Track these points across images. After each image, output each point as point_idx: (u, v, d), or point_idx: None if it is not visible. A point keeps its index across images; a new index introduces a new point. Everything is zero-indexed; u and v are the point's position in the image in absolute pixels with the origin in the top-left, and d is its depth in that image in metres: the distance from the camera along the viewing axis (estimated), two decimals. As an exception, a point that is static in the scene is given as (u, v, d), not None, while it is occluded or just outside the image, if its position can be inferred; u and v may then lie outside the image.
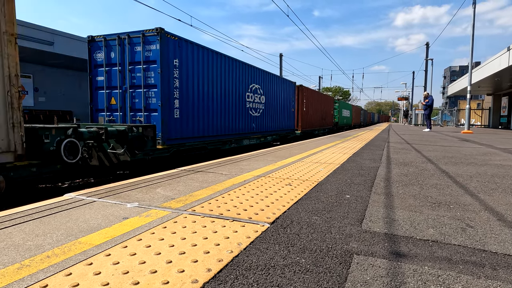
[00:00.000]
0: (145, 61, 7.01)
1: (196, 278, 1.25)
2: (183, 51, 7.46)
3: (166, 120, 7.06)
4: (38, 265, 1.36)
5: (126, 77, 7.28)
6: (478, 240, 1.67)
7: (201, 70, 8.15)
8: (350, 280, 1.25)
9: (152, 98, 7.05)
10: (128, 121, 7.41)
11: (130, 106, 7.34)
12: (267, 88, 12.40)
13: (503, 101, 26.57)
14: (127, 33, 7.14)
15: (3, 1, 4.20)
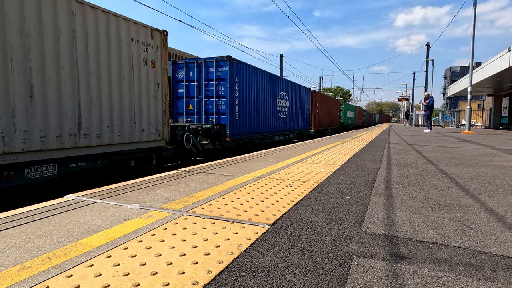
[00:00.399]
0: (217, 78, 9.69)
1: (196, 280, 1.26)
2: (241, 71, 10.17)
3: (231, 121, 9.71)
4: (39, 266, 1.37)
5: (202, 90, 9.97)
6: (478, 242, 1.67)
7: (251, 84, 10.93)
8: (350, 282, 1.26)
9: (222, 105, 9.71)
10: (202, 121, 9.94)
11: (204, 110, 9.97)
12: (290, 95, 15.03)
13: (504, 102, 26.55)
14: (203, 59, 9.89)
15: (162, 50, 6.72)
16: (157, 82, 6.65)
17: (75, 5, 4.94)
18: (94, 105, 5.29)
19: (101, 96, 5.43)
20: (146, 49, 6.39)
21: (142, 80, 6.29)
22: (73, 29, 4.92)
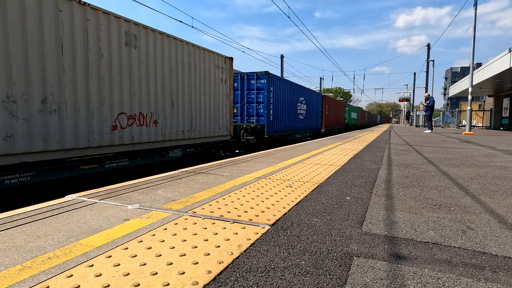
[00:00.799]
0: (257, 88, 12.43)
1: (196, 280, 1.26)
2: (274, 82, 12.91)
3: (268, 121, 12.42)
4: (39, 266, 1.37)
5: (244, 97, 12.67)
6: (478, 242, 1.67)
7: (280, 92, 13.72)
8: (350, 283, 1.26)
9: (261, 109, 12.45)
10: (244, 122, 12.57)
11: (246, 113, 12.70)
12: (307, 99, 17.77)
13: (504, 103, 26.53)
14: (246, 73, 12.54)
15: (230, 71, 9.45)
16: (227, 94, 9.49)
17: (192, 48, 7.82)
18: (198, 112, 8.13)
19: (201, 105, 8.24)
20: (222, 71, 9.17)
21: (219, 93, 9.08)
22: (190, 63, 7.78)
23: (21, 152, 4.39)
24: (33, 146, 4.53)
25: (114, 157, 5.87)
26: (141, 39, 6.32)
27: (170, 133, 7.11)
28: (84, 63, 5.23)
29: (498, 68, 16.50)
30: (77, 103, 5.15)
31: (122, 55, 5.92)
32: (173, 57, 7.11)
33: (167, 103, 7.02)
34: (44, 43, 4.61)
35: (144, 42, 6.38)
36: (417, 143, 8.57)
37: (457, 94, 29.13)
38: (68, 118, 5.02)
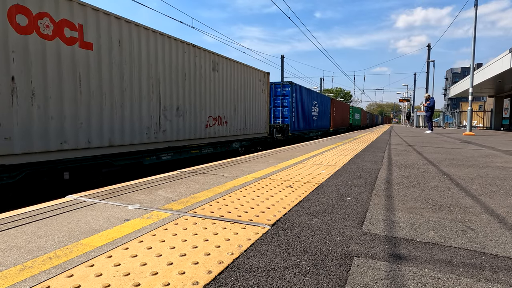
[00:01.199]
0: (283, 95, 15.00)
1: (196, 280, 1.26)
2: (295, 89, 15.54)
3: (291, 122, 14.98)
4: (40, 266, 1.37)
5: (272, 102, 15.03)
6: (478, 242, 1.67)
7: (300, 97, 16.31)
8: (350, 283, 1.26)
9: (286, 112, 15.00)
10: (271, 122, 14.69)
11: (273, 115, 15.08)
12: (319, 103, 20.49)
13: (505, 103, 26.52)
14: (273, 82, 14.96)
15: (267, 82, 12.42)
16: (266, 101, 12.36)
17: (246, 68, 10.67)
18: (248, 115, 10.88)
19: (250, 110, 11.00)
20: (262, 83, 12.04)
21: (261, 100, 11.93)
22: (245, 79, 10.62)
23: (168, 140, 7.12)
24: (172, 137, 7.28)
25: (206, 146, 8.65)
26: (220, 65, 9.11)
27: (233, 130, 9.95)
28: (193, 83, 7.94)
29: (499, 69, 16.50)
30: (190, 110, 7.88)
31: (210, 76, 8.66)
32: (236, 76, 10.08)
33: (232, 109, 9.84)
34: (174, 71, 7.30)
35: (221, 67, 9.20)
36: (418, 144, 8.57)
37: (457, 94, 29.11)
38: (187, 120, 7.74)
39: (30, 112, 4.55)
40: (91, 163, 5.55)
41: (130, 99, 6.17)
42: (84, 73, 5.30)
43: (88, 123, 5.35)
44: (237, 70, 10.08)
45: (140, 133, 6.39)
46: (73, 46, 5.12)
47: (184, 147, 7.71)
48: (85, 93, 5.31)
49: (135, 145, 6.31)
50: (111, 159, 5.84)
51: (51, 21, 4.82)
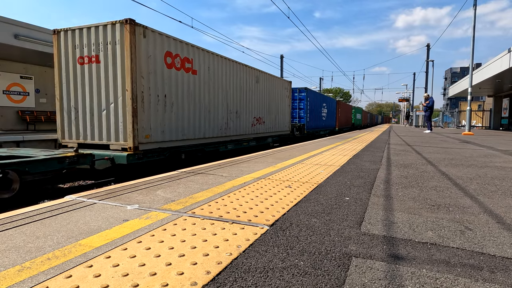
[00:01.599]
0: (299, 99, 17.64)
1: (195, 281, 1.26)
2: (310, 94, 18.28)
3: (306, 122, 17.64)
4: (38, 267, 1.37)
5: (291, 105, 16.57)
6: (476, 243, 1.67)
7: (313, 100, 19.06)
8: (348, 283, 1.26)
9: (302, 113, 17.65)
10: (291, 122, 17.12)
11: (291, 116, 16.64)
12: (327, 104, 23.18)
13: (504, 103, 26.54)
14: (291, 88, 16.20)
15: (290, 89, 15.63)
16: (288, 104, 15.17)
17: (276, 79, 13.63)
18: (277, 116, 13.72)
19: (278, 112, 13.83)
20: (286, 90, 14.84)
21: (285, 104, 14.82)
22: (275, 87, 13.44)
23: (231, 135, 9.86)
24: (234, 133, 10.07)
25: (251, 140, 11.52)
26: (260, 78, 11.99)
27: (267, 128, 12.89)
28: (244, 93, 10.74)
29: (498, 68, 16.51)
30: (243, 113, 10.69)
31: (254, 87, 11.53)
32: (270, 86, 12.98)
33: (267, 111, 12.69)
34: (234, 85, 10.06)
35: (262, 80, 12.14)
36: (417, 143, 8.58)
37: (456, 94, 29.13)
38: (241, 120, 10.59)
39: (170, 116, 7.24)
40: (194, 149, 8.29)
41: (213, 106, 8.95)
42: (194, 91, 8.08)
43: (194, 123, 8.14)
44: (270, 81, 13.04)
45: (218, 130, 9.27)
46: (188, 73, 7.87)
47: (240, 140, 10.61)
48: (193, 103, 8.08)
49: (215, 138, 9.11)
50: (204, 147, 8.66)
51: (180, 59, 7.53)
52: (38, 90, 15.79)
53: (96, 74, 6.55)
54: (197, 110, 8.20)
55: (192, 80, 7.94)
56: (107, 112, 6.52)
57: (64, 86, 6.97)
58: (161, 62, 6.87)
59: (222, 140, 9.42)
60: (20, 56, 13.49)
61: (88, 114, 6.73)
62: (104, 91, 6.51)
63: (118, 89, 6.36)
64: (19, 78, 14.90)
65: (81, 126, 6.84)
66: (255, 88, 11.55)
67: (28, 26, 11.89)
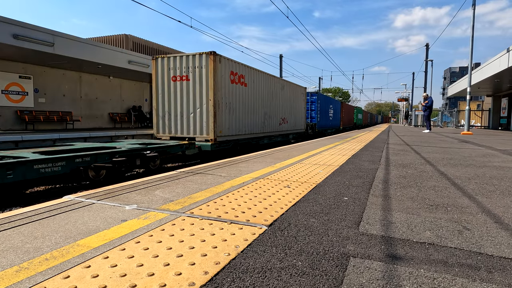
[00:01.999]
0: (311, 101, 20.46)
1: (193, 281, 1.26)
2: (320, 97, 21.37)
3: (317, 121, 20.69)
4: (36, 267, 1.37)
5: None
6: (474, 242, 1.68)
7: (322, 102, 21.92)
8: (346, 283, 1.26)
9: (313, 114, 20.62)
10: None
11: None
12: (333, 106, 26.07)
13: (503, 102, 26.57)
14: None
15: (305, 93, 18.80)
16: (304, 107, 18.00)
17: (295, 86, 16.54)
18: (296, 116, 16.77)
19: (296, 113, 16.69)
20: (302, 95, 17.68)
21: (301, 106, 17.64)
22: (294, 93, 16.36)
23: (266, 131, 12.61)
24: (267, 130, 12.78)
25: (278, 136, 14.16)
26: (285, 86, 14.82)
27: (289, 127, 15.54)
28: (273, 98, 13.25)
29: (497, 68, 16.54)
30: (272, 114, 13.21)
31: (280, 94, 14.11)
32: (291, 92, 15.70)
33: (289, 113, 15.44)
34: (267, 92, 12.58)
35: (287, 87, 15.04)
36: (416, 143, 8.59)
37: (455, 94, 29.17)
38: (272, 120, 13.19)
39: (232, 118, 9.95)
40: (245, 142, 11.12)
41: (256, 110, 11.74)
42: (245, 98, 10.75)
43: (244, 123, 10.82)
44: (291, 88, 15.72)
45: (259, 128, 12.03)
46: (242, 86, 10.47)
47: (271, 136, 13.44)
48: (245, 108, 10.75)
49: (257, 134, 11.92)
50: (250, 140, 11.47)
51: (238, 76, 10.16)
52: (37, 90, 15.77)
53: (186, 88, 9.21)
54: (246, 113, 10.90)
55: (245, 91, 10.69)
56: (194, 115, 9.21)
57: (160, 96, 9.58)
58: (227, 79, 9.55)
59: (261, 136, 12.40)
60: (18, 55, 13.48)
61: (179, 116, 9.39)
62: (192, 100, 9.17)
63: (203, 99, 9.04)
64: (18, 78, 14.88)
65: (172, 124, 9.52)
66: (281, 94, 14.30)
67: (27, 26, 11.87)
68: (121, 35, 23.62)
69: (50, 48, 12.77)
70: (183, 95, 9.24)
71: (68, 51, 13.51)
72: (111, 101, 20.24)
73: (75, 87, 17.76)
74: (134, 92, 22.07)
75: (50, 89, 16.36)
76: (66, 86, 17.23)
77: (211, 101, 8.87)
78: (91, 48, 14.64)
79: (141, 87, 22.62)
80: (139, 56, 17.75)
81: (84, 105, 18.34)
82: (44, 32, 12.51)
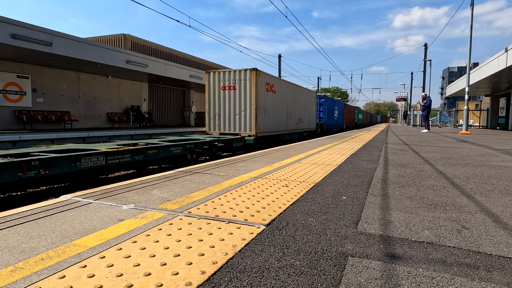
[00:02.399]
0: (319, 104, 22.98)
1: (190, 281, 1.25)
2: (327, 100, 24.63)
3: (325, 121, 23.59)
4: (32, 267, 1.36)
5: None
6: (473, 241, 1.67)
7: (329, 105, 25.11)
8: (344, 283, 1.25)
9: (321, 115, 23.31)
10: None
11: None
12: (337, 107, 28.66)
13: (501, 102, 26.63)
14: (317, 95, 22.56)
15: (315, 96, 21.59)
16: (314, 108, 20.67)
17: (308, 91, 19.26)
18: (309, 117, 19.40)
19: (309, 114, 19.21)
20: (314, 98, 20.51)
21: (313, 108, 20.25)
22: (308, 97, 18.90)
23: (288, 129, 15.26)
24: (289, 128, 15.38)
25: (296, 133, 16.65)
26: (302, 92, 17.37)
27: (304, 125, 18.01)
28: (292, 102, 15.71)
29: (495, 68, 16.57)
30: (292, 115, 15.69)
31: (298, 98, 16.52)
32: (305, 97, 18.02)
33: (304, 113, 17.81)
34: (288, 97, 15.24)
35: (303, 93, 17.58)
36: (414, 143, 8.59)
37: (454, 93, 29.21)
38: (292, 120, 15.79)
39: (266, 118, 12.29)
40: (274, 137, 13.55)
41: (281, 112, 14.19)
42: (274, 103, 13.17)
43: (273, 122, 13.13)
44: (306, 93, 18.38)
45: (283, 126, 14.48)
46: (273, 93, 12.89)
47: (291, 133, 15.88)
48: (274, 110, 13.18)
49: (281, 131, 14.30)
50: (277, 136, 13.92)
51: (270, 85, 12.60)
52: (35, 90, 15.72)
53: (233, 96, 11.63)
54: (275, 115, 13.41)
55: (274, 97, 13.21)
56: (239, 116, 11.67)
57: (211, 102, 11.99)
58: (263, 88, 12.07)
59: (284, 133, 14.84)
60: (16, 55, 13.43)
61: (226, 117, 11.84)
62: (238, 105, 11.61)
63: (247, 104, 11.49)
64: (16, 77, 14.83)
65: (221, 123, 11.95)
66: (298, 99, 16.77)
67: (25, 25, 11.83)
68: (119, 34, 23.58)
69: (48, 47, 12.72)
70: (231, 101, 11.70)
71: (66, 51, 13.47)
72: (110, 100, 20.24)
73: (74, 87, 17.73)
74: (132, 92, 22.09)
75: (48, 89, 16.31)
76: (64, 85, 17.19)
77: (253, 105, 11.43)
78: (90, 47, 14.61)
79: (139, 87, 22.63)
80: (137, 56, 17.78)
81: (82, 105, 18.30)
82: (42, 31, 12.47)
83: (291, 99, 15.59)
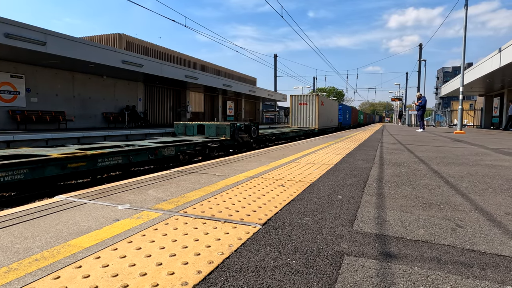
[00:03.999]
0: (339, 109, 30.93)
1: (186, 281, 1.25)
2: (342, 106, 32.84)
3: (342, 121, 31.83)
4: (26, 268, 1.35)
5: None
6: (467, 240, 1.68)
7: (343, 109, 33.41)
8: (340, 281, 1.26)
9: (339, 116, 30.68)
10: None
11: None
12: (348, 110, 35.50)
13: (494, 102, 26.89)
14: None
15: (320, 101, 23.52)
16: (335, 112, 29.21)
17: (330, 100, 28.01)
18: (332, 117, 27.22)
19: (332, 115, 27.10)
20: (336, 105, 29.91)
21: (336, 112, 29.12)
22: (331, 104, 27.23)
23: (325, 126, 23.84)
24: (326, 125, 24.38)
25: (326, 129, 23.95)
26: (332, 103, 28.26)
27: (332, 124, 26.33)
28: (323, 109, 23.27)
29: (489, 68, 16.72)
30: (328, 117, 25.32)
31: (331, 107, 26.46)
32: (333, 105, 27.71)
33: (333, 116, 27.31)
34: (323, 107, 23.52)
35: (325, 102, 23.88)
36: (409, 142, 8.64)
37: (448, 93, 29.43)
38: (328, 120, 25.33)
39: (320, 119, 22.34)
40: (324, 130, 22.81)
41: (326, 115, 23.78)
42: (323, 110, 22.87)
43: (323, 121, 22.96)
44: (333, 102, 26.33)
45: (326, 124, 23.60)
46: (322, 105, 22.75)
47: (328, 128, 23.94)
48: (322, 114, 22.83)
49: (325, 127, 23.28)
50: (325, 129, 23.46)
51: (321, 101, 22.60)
52: (29, 89, 15.59)
53: (305, 108, 21.79)
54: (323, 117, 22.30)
55: (323, 108, 22.15)
56: (309, 118, 21.76)
57: (294, 112, 22.14)
58: (320, 103, 21.75)
59: (326, 127, 22.86)
60: (10, 54, 13.31)
61: (303, 118, 21.93)
62: (308, 113, 21.75)
63: (313, 113, 21.62)
64: (9, 77, 14.70)
65: (300, 121, 22.03)
66: (331, 107, 25.18)
67: (19, 25, 11.72)
68: (114, 34, 23.46)
69: (42, 47, 12.62)
70: (304, 111, 21.81)
71: (61, 50, 13.37)
72: (105, 100, 20.12)
73: (68, 87, 17.60)
74: (128, 92, 21.98)
75: (43, 89, 16.18)
76: (59, 85, 17.06)
77: (316, 113, 21.50)
78: (84, 47, 14.51)
79: (135, 86, 22.53)
80: (133, 56, 17.70)
81: (77, 104, 18.18)
82: (36, 31, 12.36)
83: (329, 108, 25.00)
